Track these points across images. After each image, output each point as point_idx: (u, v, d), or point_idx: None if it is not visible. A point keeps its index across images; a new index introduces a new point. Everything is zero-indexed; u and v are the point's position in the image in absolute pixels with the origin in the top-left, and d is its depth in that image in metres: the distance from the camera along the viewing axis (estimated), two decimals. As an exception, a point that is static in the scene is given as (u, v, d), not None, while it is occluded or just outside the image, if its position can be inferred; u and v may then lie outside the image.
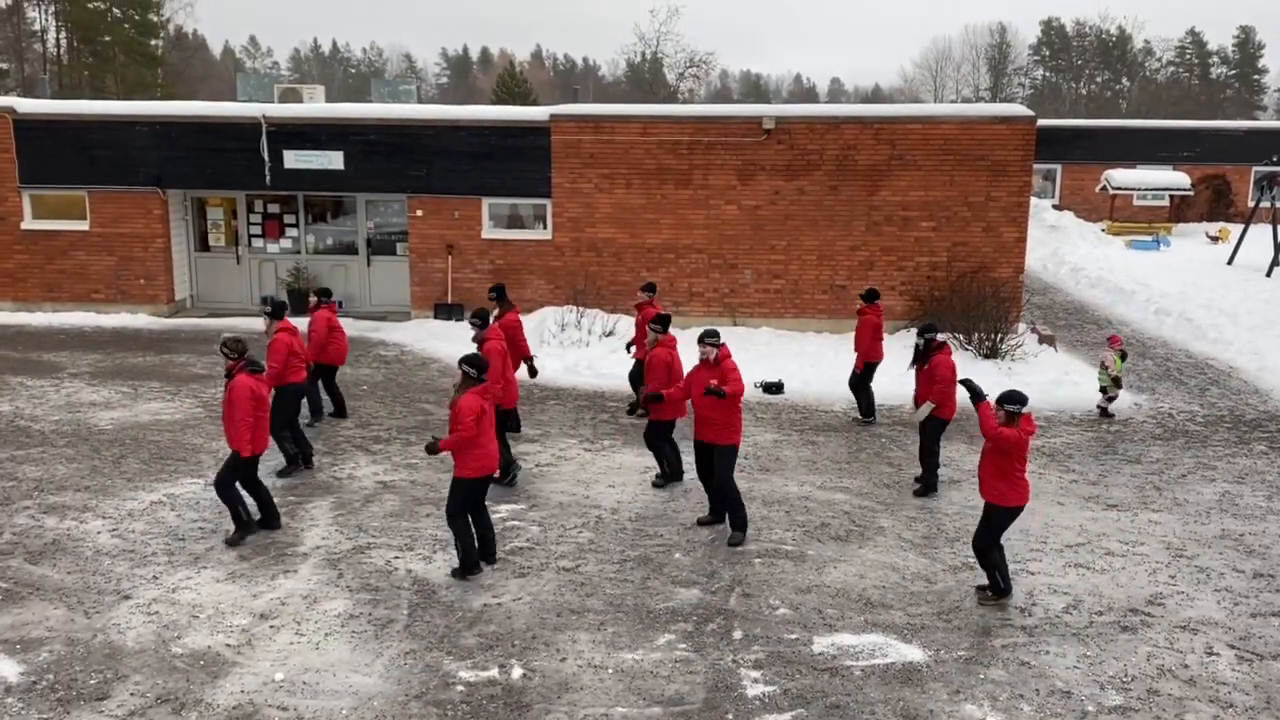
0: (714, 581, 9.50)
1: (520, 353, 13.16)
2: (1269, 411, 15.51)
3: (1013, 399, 8.88)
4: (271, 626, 8.51)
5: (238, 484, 10.11)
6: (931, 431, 11.81)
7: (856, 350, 14.62)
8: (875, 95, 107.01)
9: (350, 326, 19.88)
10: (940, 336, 12.07)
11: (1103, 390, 15.16)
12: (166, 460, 12.47)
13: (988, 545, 9.11)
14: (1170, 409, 15.61)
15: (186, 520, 10.66)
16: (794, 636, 8.51)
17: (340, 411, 14.25)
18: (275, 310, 12.17)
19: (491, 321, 12.16)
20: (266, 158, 20.19)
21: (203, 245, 21.66)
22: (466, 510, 9.36)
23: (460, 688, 7.67)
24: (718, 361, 10.41)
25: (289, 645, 8.21)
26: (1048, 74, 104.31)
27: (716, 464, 10.43)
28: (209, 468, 12.19)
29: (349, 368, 16.83)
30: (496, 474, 9.89)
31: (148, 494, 11.37)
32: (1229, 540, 10.67)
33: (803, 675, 7.92)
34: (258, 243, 21.46)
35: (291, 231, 21.37)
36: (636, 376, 14.45)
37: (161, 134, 20.43)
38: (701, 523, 10.78)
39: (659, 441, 11.78)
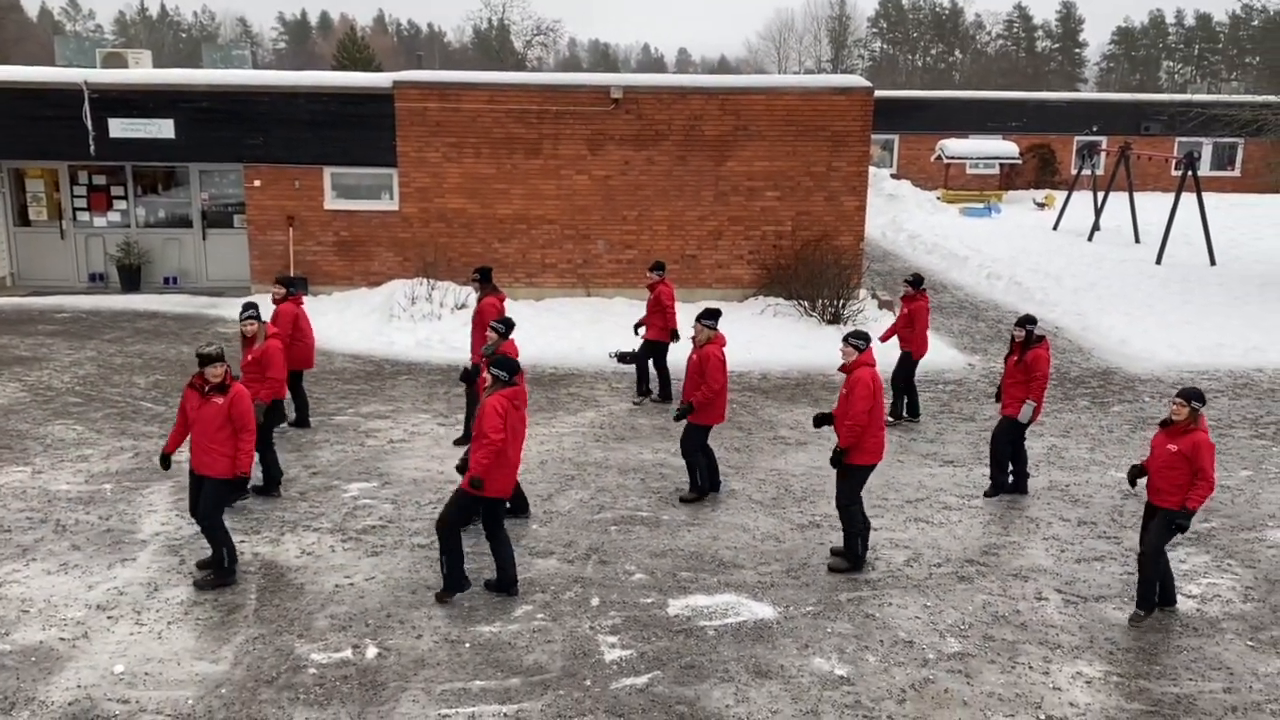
0: (571, 551, 9.55)
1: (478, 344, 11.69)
2: (1091, 369, 16.45)
3: (1200, 396, 8.20)
4: (109, 618, 8.15)
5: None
6: (1013, 432, 10.92)
7: (908, 344, 13.36)
8: (721, 66, 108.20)
9: (186, 303, 19.21)
10: (1038, 330, 11.04)
11: None
12: (-12, 448, 11.76)
13: (1157, 553, 8.42)
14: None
15: (12, 511, 10.08)
16: (649, 600, 8.64)
17: (301, 420, 12.69)
18: (258, 313, 10.65)
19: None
20: (90, 126, 19.13)
21: (23, 219, 20.40)
22: (463, 523, 8.51)
23: (312, 670, 7.52)
24: (851, 369, 9.17)
25: (129, 636, 7.89)
26: (885, 46, 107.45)
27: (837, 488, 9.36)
28: (35, 454, 11.57)
29: (187, 345, 16.18)
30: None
31: (-32, 485, 10.71)
32: (1055, 491, 11.31)
33: (658, 638, 8.05)
34: (83, 216, 20.34)
35: (120, 204, 20.32)
36: (644, 356, 13.90)
37: (-29, 101, 19.14)
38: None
39: (695, 450, 10.71)
